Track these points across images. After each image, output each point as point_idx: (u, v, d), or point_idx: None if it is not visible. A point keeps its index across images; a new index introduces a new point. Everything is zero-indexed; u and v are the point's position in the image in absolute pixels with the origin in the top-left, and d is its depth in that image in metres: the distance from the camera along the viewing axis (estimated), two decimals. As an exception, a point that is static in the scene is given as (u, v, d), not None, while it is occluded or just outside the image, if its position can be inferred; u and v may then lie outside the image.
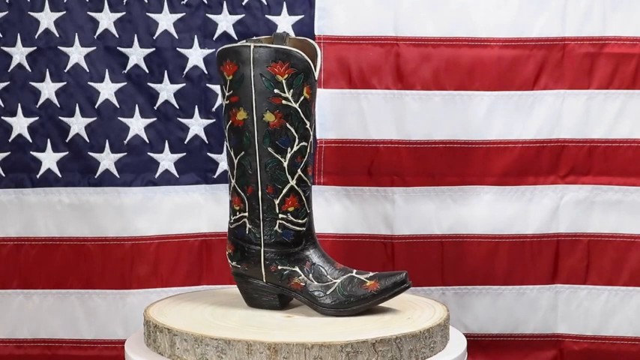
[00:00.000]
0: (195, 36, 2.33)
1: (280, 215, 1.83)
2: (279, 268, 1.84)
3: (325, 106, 2.34)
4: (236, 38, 2.32)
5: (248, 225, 1.84)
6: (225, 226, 2.34)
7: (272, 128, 1.80)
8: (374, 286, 1.81)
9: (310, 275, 1.84)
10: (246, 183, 1.83)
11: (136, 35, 2.32)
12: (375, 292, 1.81)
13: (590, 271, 2.37)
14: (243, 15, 2.32)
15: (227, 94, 1.81)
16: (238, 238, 1.86)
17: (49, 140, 2.33)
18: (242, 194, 1.83)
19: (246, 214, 1.84)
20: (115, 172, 2.34)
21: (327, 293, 1.83)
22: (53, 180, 2.34)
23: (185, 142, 2.35)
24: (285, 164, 1.82)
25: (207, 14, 2.32)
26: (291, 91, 1.80)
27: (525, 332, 2.38)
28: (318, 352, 1.67)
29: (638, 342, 2.37)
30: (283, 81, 1.79)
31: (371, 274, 1.83)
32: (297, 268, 1.84)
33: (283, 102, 1.80)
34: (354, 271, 1.84)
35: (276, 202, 1.82)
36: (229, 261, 1.87)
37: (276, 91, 1.80)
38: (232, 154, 1.83)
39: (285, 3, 2.31)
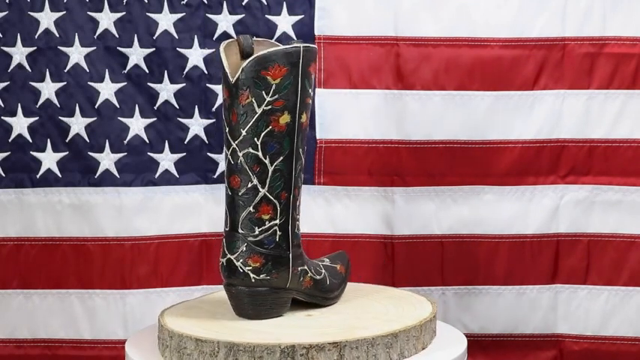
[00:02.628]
0: (195, 36, 2.33)
1: (297, 216, 1.82)
2: (299, 269, 1.82)
3: (325, 106, 2.34)
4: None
5: (278, 232, 1.79)
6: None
7: (304, 128, 1.79)
8: (342, 269, 1.93)
9: (312, 269, 1.85)
10: (281, 189, 1.77)
11: (136, 35, 2.32)
12: (345, 273, 1.94)
13: (590, 271, 2.37)
14: (243, 15, 2.32)
15: (269, 99, 1.74)
16: (269, 248, 1.78)
17: (49, 140, 2.33)
18: (275, 201, 1.77)
19: (277, 221, 1.78)
20: (115, 172, 2.34)
21: (329, 283, 1.87)
22: (53, 180, 2.34)
23: (185, 142, 2.35)
24: (304, 163, 1.82)
25: (207, 14, 2.32)
26: (312, 89, 1.81)
27: (525, 332, 2.38)
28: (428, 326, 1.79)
29: (638, 342, 2.37)
30: (313, 80, 1.79)
31: (325, 259, 1.94)
32: (306, 266, 1.84)
33: (310, 101, 1.80)
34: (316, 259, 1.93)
35: (298, 203, 1.81)
36: (254, 275, 1.77)
37: (310, 90, 1.79)
38: (268, 161, 1.76)
39: (285, 3, 2.31)
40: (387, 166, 2.35)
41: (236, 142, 1.76)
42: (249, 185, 1.76)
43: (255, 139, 1.75)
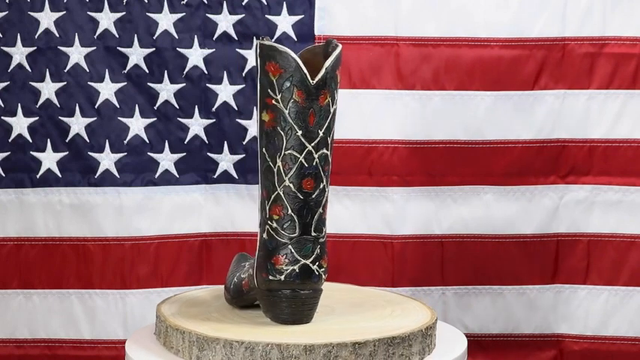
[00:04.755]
0: (195, 36, 2.33)
1: None
2: None
3: (325, 106, 2.34)
4: (236, 38, 2.32)
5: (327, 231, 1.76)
6: (226, 225, 2.36)
7: None
8: None
9: None
10: (329, 187, 1.74)
11: (136, 35, 2.32)
12: None
13: (590, 271, 2.37)
14: (243, 15, 2.32)
15: (337, 97, 1.71)
16: (326, 247, 1.74)
17: (49, 140, 2.33)
18: (328, 200, 1.74)
19: (327, 219, 1.75)
20: (115, 172, 2.34)
21: None
22: (53, 180, 2.34)
23: (185, 142, 2.35)
24: None
25: (207, 14, 2.32)
26: None
27: (525, 332, 2.38)
28: None
29: (638, 342, 2.37)
30: None
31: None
32: None
33: None
34: None
35: None
36: (324, 276, 1.71)
37: None
38: (331, 160, 1.72)
39: (285, 3, 2.32)
40: (387, 166, 2.35)
41: (312, 144, 1.69)
42: (321, 186, 1.71)
43: (329, 138, 1.71)
